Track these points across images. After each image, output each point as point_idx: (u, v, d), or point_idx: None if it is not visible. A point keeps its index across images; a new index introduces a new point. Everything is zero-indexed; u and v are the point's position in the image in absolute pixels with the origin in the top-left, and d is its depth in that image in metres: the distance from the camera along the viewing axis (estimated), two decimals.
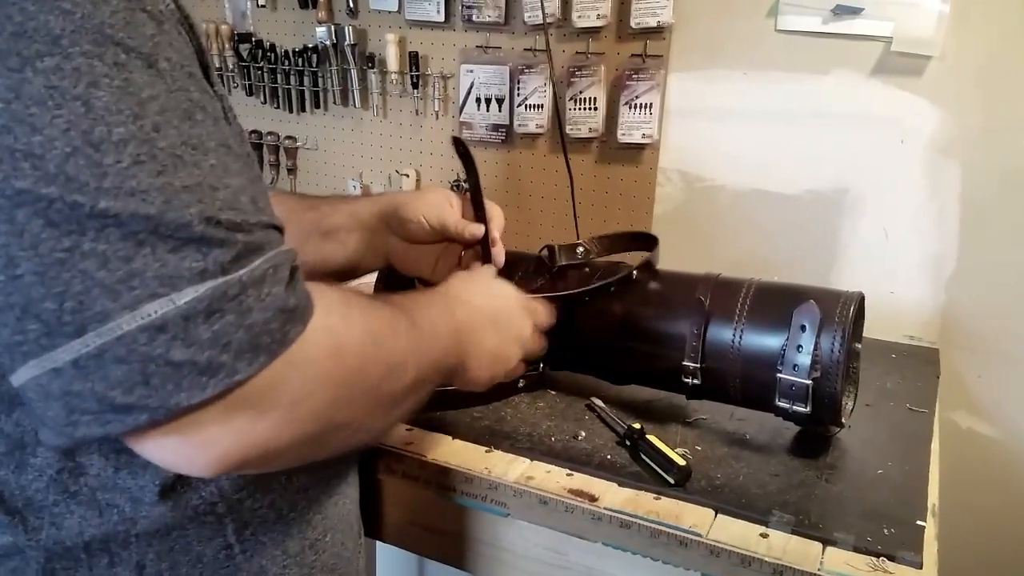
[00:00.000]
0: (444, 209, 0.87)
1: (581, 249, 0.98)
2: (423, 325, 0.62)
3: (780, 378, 0.80)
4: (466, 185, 1.39)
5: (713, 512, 0.75)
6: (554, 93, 1.43)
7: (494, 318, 0.75)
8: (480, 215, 0.88)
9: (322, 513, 0.68)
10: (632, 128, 1.37)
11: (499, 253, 0.90)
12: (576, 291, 0.91)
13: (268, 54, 1.70)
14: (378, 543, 0.95)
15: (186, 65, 0.46)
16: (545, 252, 1.00)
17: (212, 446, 0.45)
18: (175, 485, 0.55)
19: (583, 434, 0.88)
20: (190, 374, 0.43)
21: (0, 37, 0.40)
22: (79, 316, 0.41)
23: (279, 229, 0.50)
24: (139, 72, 0.43)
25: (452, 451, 0.85)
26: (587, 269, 0.96)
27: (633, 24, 1.32)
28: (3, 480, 0.53)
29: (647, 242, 0.98)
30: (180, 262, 0.42)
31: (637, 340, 0.90)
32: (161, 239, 0.42)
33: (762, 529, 0.73)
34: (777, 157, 1.30)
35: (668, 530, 0.73)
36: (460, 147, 0.87)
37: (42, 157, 0.40)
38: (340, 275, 0.91)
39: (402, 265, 0.91)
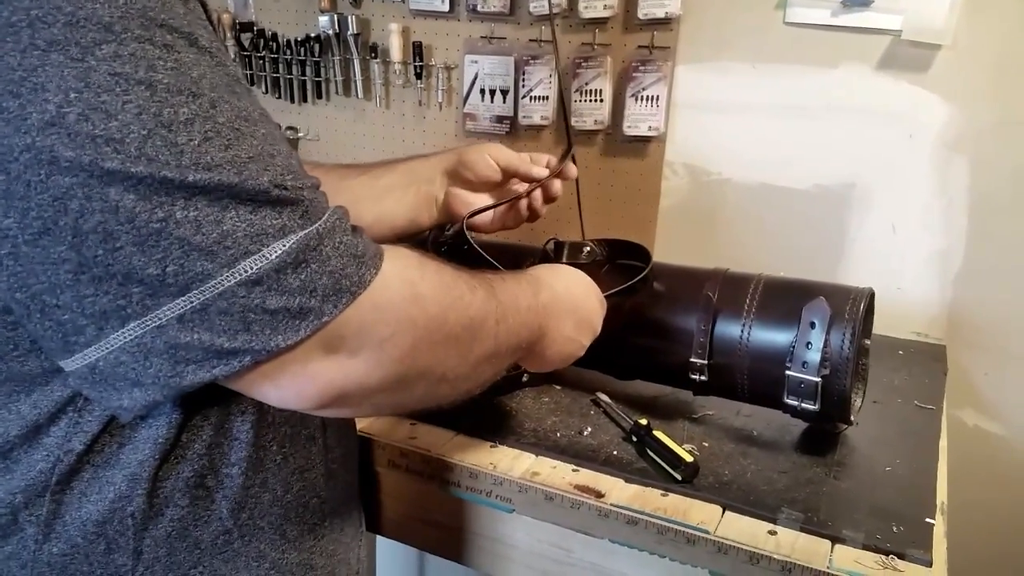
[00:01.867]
0: (506, 151, 0.93)
1: (587, 249, 0.97)
2: (504, 298, 0.64)
3: (789, 375, 0.79)
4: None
5: (721, 509, 0.75)
6: (559, 85, 1.41)
7: (574, 306, 0.77)
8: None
9: (319, 497, 0.68)
10: (638, 120, 1.36)
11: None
12: (627, 284, 0.90)
13: (270, 43, 1.69)
14: (379, 538, 0.95)
15: (214, 40, 0.49)
16: (551, 245, 0.99)
17: (317, 380, 0.51)
18: (169, 458, 0.56)
19: (589, 430, 0.88)
20: (284, 319, 0.47)
21: (55, 28, 0.41)
22: (182, 278, 0.45)
23: (320, 188, 0.53)
24: (185, 51, 0.45)
25: (456, 446, 0.84)
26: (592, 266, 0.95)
27: (640, 15, 1.30)
28: (13, 459, 0.54)
29: (642, 256, 0.95)
30: (263, 221, 0.47)
31: (644, 335, 0.89)
32: (242, 203, 0.46)
33: (770, 526, 0.73)
34: (785, 151, 1.29)
35: (675, 527, 0.72)
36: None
37: (122, 141, 0.42)
38: (398, 232, 0.95)
39: (459, 213, 0.94)
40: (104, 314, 0.45)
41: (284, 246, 0.47)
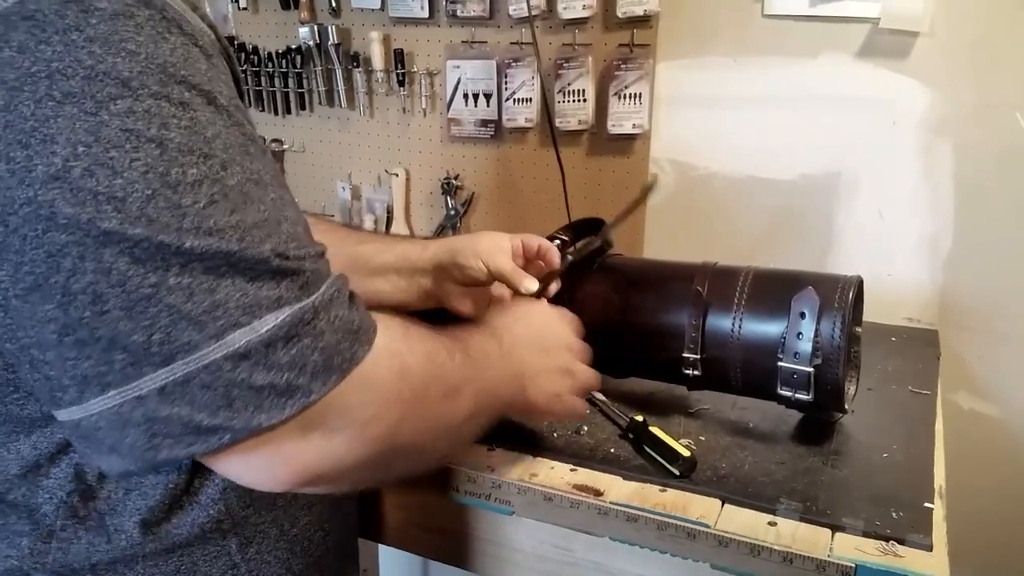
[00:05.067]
0: (500, 255, 0.88)
1: (558, 241, 0.97)
2: (475, 354, 0.63)
3: (781, 366, 0.79)
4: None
5: (720, 502, 0.74)
6: (542, 86, 1.42)
7: (538, 339, 0.75)
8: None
9: (324, 530, 0.68)
10: (622, 119, 1.36)
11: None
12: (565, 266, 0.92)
13: (251, 57, 1.69)
14: (382, 547, 0.95)
15: (234, 98, 0.48)
16: None
17: (291, 462, 0.48)
18: (183, 503, 0.55)
19: (585, 428, 0.87)
20: (270, 396, 0.45)
21: (73, 80, 0.41)
22: (167, 347, 0.43)
23: (325, 256, 0.52)
24: (202, 110, 0.44)
25: None
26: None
27: (619, 14, 1.31)
28: (12, 503, 0.53)
29: (598, 226, 0.98)
30: (258, 291, 0.45)
31: (636, 332, 0.89)
32: (240, 272, 0.44)
33: (770, 517, 0.72)
34: (769, 142, 1.30)
35: (675, 522, 0.72)
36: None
37: (124, 200, 0.41)
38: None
39: (457, 307, 0.92)
40: (85, 379, 0.44)
41: (276, 319, 0.45)
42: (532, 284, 0.87)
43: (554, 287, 0.91)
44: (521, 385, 0.70)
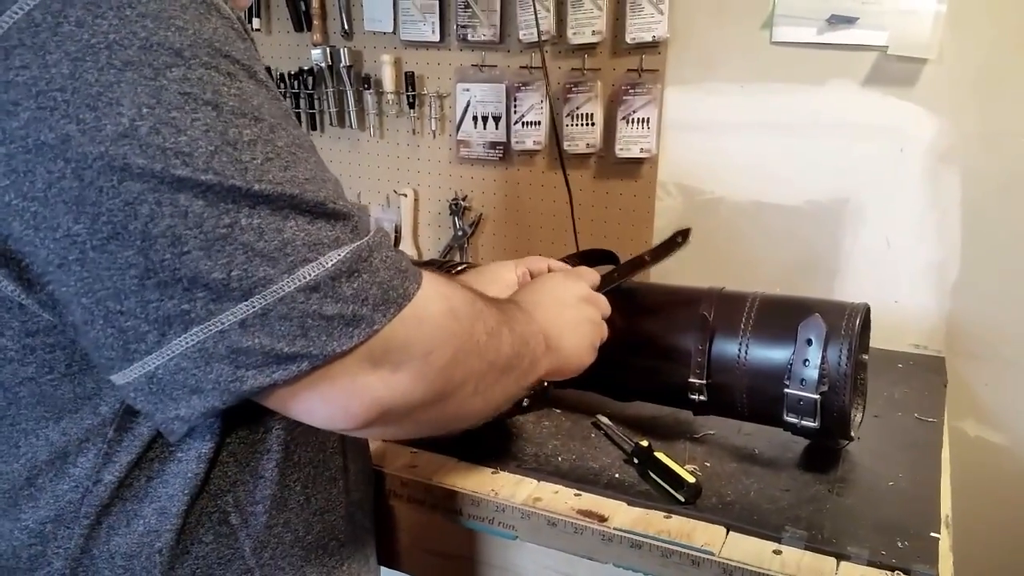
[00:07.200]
0: (508, 291, 0.89)
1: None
2: (504, 308, 0.66)
3: (788, 393, 0.79)
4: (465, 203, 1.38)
5: (725, 529, 0.74)
6: (551, 109, 1.43)
7: (555, 298, 0.78)
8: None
9: (338, 540, 0.68)
10: (630, 143, 1.37)
11: None
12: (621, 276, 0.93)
13: None
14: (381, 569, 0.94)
15: (269, 79, 0.51)
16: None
17: (364, 395, 0.52)
18: (200, 493, 0.57)
19: (590, 453, 0.87)
20: (340, 325, 0.49)
21: (131, 50, 0.44)
22: (245, 282, 0.47)
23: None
24: (246, 81, 0.48)
25: (457, 473, 0.84)
26: None
27: (628, 39, 1.32)
28: (40, 487, 0.54)
29: (611, 259, 0.99)
30: (319, 231, 0.49)
31: (642, 356, 0.89)
32: (301, 213, 0.48)
33: (775, 545, 0.72)
34: (776, 168, 1.30)
35: (680, 549, 0.72)
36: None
37: (191, 155, 0.45)
38: None
39: None
40: (168, 319, 0.47)
41: (339, 255, 0.49)
42: None
43: None
44: (552, 341, 0.72)
